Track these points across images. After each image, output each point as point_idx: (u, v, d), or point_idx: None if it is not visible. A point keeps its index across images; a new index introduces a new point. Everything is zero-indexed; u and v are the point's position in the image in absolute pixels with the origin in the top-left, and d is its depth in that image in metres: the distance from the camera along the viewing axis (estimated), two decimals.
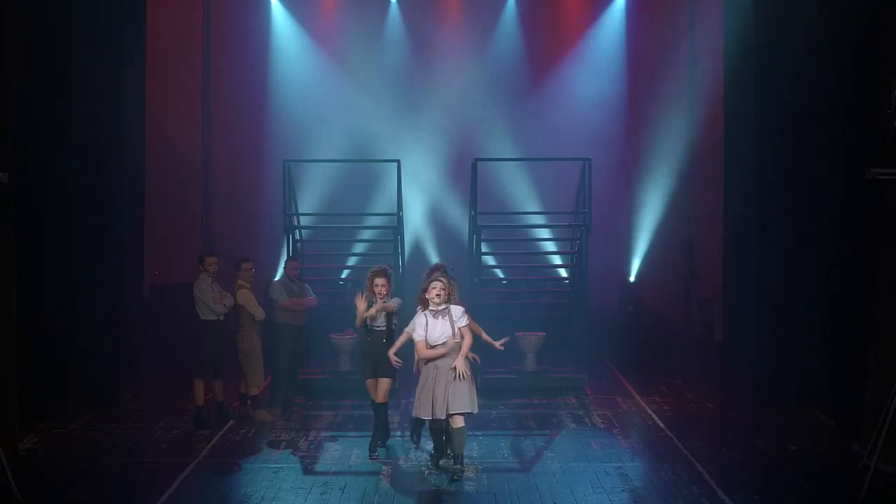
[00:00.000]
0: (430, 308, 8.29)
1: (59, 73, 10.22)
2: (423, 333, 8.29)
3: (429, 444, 8.89)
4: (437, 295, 8.23)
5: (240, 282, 10.30)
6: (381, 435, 9.13)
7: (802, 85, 10.40)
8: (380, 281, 8.96)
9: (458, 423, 8.21)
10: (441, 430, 8.49)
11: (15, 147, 8.72)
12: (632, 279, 15.32)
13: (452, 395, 8.13)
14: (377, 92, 15.24)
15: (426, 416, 8.29)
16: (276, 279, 10.94)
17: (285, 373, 10.48)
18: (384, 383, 9.06)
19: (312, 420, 10.33)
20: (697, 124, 15.32)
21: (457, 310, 8.32)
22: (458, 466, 8.27)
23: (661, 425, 10.12)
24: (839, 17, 9.71)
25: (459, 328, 8.27)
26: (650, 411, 10.73)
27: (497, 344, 8.88)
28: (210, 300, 9.95)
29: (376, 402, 9.19)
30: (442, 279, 8.34)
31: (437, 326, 8.24)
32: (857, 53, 9.30)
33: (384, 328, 9.08)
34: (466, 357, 8.30)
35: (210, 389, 10.15)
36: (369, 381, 9.18)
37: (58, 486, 8.07)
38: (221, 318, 10.07)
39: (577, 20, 15.65)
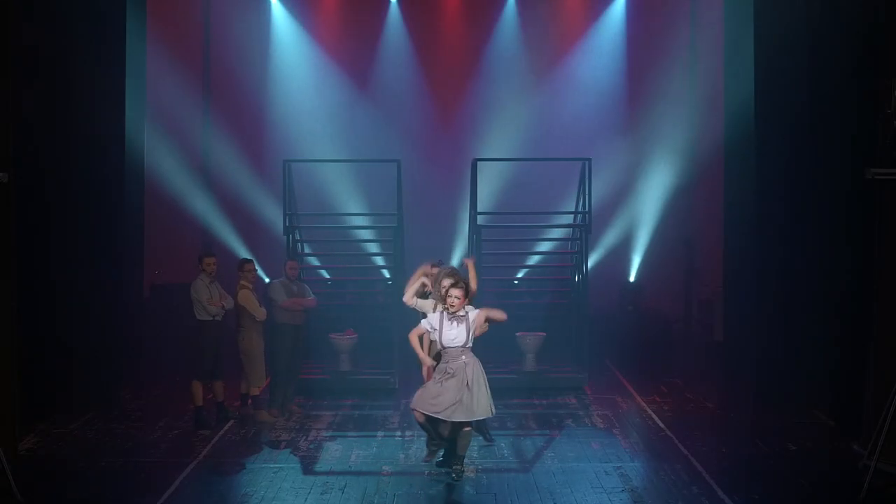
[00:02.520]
0: (449, 312, 8.17)
1: (60, 72, 10.22)
2: (430, 330, 8.20)
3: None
4: (451, 305, 8.11)
5: (242, 282, 10.30)
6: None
7: (803, 85, 10.40)
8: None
9: (467, 426, 8.21)
10: (445, 436, 8.46)
11: (15, 147, 8.72)
12: (632, 279, 15.32)
13: (472, 403, 8.05)
14: (377, 92, 15.25)
15: (427, 411, 8.09)
16: (276, 279, 10.92)
17: (285, 373, 10.48)
18: None
19: (312, 420, 10.33)
20: (697, 124, 15.32)
21: (474, 313, 8.19)
22: (459, 467, 8.27)
23: (661, 425, 10.12)
24: (839, 18, 9.72)
25: (483, 319, 8.18)
26: (650, 411, 10.74)
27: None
28: (205, 301, 9.95)
29: None
30: (460, 287, 8.15)
31: (453, 330, 8.11)
32: (858, 53, 9.31)
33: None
34: (479, 363, 8.27)
35: (210, 389, 10.16)
36: None
37: (58, 486, 8.07)
38: (218, 318, 10.06)
39: (577, 20, 15.67)
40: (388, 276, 13.58)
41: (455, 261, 14.29)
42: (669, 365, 13.23)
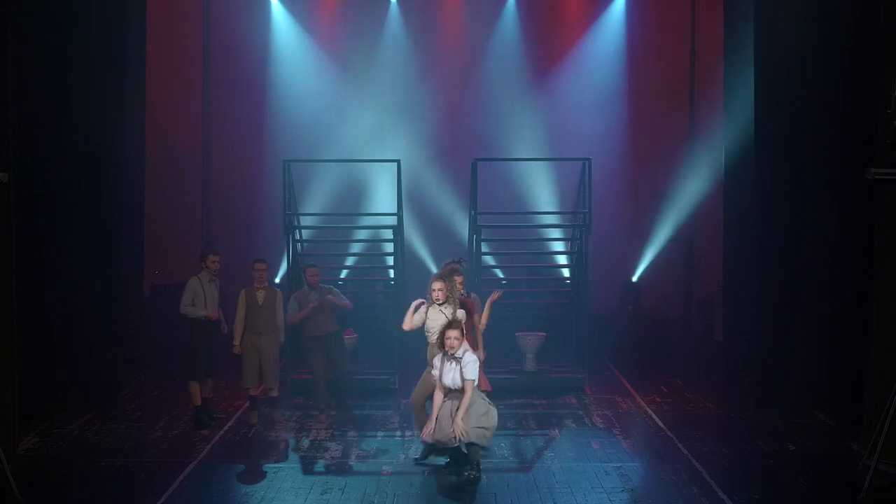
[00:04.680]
0: (446, 350, 8.24)
1: (60, 73, 10.22)
2: (434, 371, 8.32)
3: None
4: (450, 347, 8.14)
5: (255, 283, 10.24)
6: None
7: (802, 85, 10.40)
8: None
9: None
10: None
11: (15, 147, 8.72)
12: (632, 279, 15.32)
13: (469, 428, 8.07)
14: (377, 92, 15.26)
15: (436, 437, 8.15)
16: (296, 290, 10.74)
17: (319, 379, 10.33)
18: None
19: (312, 420, 10.32)
20: (697, 124, 15.33)
21: (468, 359, 8.18)
22: (474, 472, 8.18)
23: (661, 425, 10.12)
24: (839, 17, 9.71)
25: (464, 379, 8.12)
26: (650, 411, 10.74)
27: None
28: (186, 301, 9.88)
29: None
30: (455, 328, 8.20)
31: (450, 373, 8.18)
32: (858, 53, 9.30)
33: None
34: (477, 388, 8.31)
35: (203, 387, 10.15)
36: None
37: (58, 486, 8.07)
38: (211, 317, 9.98)
39: (577, 20, 15.68)
40: (388, 276, 13.57)
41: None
42: (669, 365, 13.23)
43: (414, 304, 8.94)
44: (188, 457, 8.91)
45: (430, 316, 8.76)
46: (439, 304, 8.75)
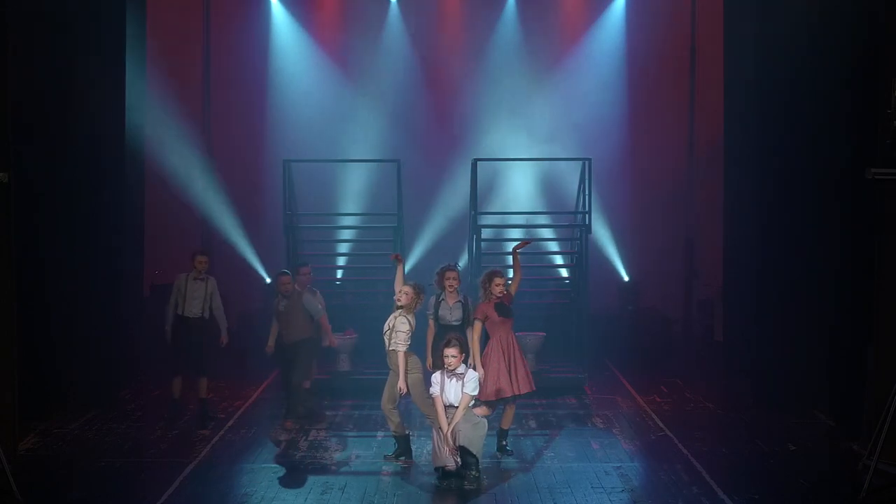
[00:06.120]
0: (446, 368, 8.32)
1: (60, 73, 10.22)
2: (438, 391, 8.34)
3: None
4: (448, 365, 8.25)
5: (296, 286, 10.33)
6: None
7: (802, 85, 10.40)
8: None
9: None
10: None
11: (15, 147, 8.72)
12: (631, 279, 15.31)
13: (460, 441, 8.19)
14: (377, 92, 15.23)
15: (447, 465, 8.21)
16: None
17: (292, 389, 10.34)
18: None
19: (312, 420, 10.32)
20: (697, 124, 15.32)
21: (471, 376, 8.33)
22: (474, 472, 8.24)
23: (661, 425, 10.12)
24: (840, 17, 9.72)
25: (464, 392, 8.25)
26: (650, 411, 10.74)
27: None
28: (172, 297, 10.15)
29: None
30: (453, 346, 8.30)
31: (452, 389, 8.28)
32: (858, 53, 9.31)
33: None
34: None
35: (195, 385, 10.22)
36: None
37: (58, 486, 8.07)
38: (190, 314, 10.10)
39: (577, 20, 15.65)
40: (388, 275, 13.55)
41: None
42: (669, 365, 13.23)
43: (392, 257, 9.42)
44: (188, 457, 8.91)
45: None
46: (399, 306, 8.77)
